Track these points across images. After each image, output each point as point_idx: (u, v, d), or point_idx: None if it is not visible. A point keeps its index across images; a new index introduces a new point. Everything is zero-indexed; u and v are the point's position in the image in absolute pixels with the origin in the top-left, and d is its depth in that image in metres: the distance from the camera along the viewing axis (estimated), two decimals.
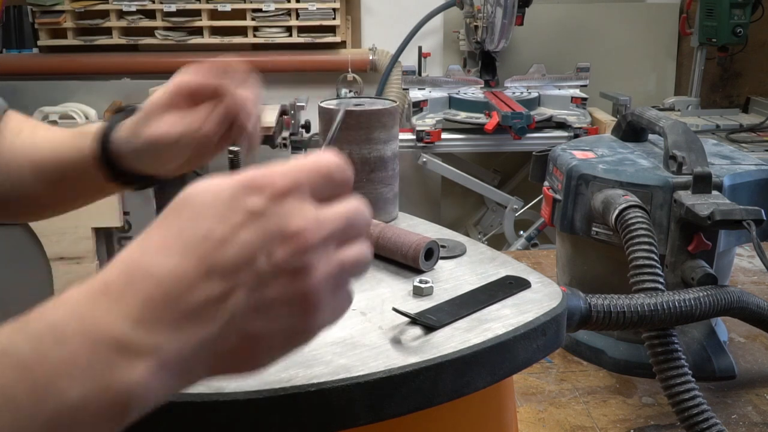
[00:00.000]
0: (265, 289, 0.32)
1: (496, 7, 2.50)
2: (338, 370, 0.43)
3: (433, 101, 2.54)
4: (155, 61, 2.97)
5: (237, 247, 0.32)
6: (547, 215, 0.92)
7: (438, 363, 0.44)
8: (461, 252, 0.62)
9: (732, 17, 2.55)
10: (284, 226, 0.32)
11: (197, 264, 0.31)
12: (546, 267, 1.21)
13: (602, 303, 0.68)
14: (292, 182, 0.33)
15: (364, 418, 0.43)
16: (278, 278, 0.32)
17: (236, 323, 0.32)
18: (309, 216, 0.33)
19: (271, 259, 0.32)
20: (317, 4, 2.88)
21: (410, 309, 0.50)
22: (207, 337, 0.31)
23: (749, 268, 1.20)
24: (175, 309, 0.31)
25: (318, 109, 0.71)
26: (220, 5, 2.88)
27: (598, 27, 3.06)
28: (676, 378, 0.69)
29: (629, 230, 0.76)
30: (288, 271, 0.32)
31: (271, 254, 0.32)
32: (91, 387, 0.30)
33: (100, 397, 0.30)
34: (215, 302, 0.31)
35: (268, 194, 0.33)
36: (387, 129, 0.69)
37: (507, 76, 2.76)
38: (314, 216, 0.33)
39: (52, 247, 2.36)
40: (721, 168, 0.86)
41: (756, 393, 0.84)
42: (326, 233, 0.33)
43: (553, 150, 0.95)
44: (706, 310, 0.73)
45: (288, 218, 0.33)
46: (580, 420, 0.79)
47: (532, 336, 0.49)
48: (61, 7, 2.85)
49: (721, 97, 3.15)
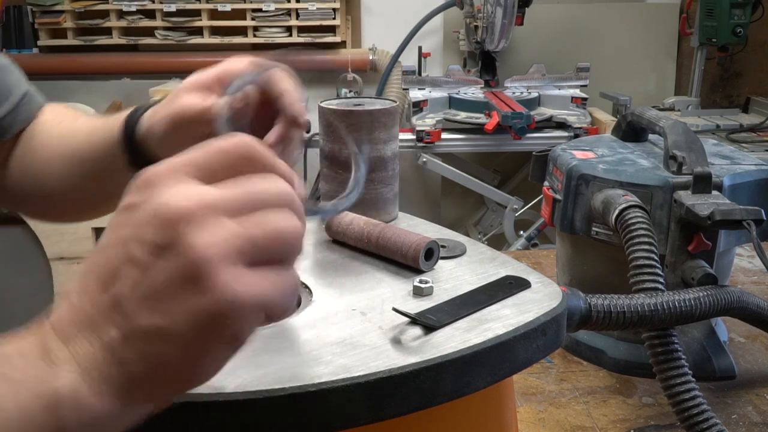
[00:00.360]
0: (149, 274, 0.31)
1: (496, 7, 2.50)
2: (338, 370, 0.43)
3: (433, 101, 2.54)
4: (155, 61, 2.97)
5: (113, 247, 0.32)
6: (547, 215, 0.92)
7: (438, 363, 0.44)
8: (461, 252, 0.62)
9: (732, 17, 2.55)
10: (149, 209, 0.31)
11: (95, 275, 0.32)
12: (546, 267, 1.21)
13: (602, 303, 0.68)
14: (167, 168, 0.33)
15: (364, 418, 0.43)
16: (158, 259, 0.31)
17: (132, 322, 0.31)
18: (179, 191, 0.31)
19: (142, 243, 0.31)
20: (317, 4, 2.88)
21: (410, 309, 0.50)
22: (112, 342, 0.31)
23: (749, 268, 1.20)
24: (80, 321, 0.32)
25: (318, 109, 0.71)
26: (220, 5, 2.88)
27: (598, 27, 3.06)
28: (676, 378, 0.69)
29: (629, 230, 0.76)
30: (163, 246, 0.30)
31: (142, 238, 0.31)
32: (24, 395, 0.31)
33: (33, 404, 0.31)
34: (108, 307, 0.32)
35: (141, 185, 0.33)
36: (387, 129, 0.69)
37: (507, 76, 2.76)
38: (187, 191, 0.31)
39: (52, 247, 2.37)
40: (721, 168, 0.86)
41: (756, 393, 0.84)
42: (206, 202, 0.31)
43: (553, 150, 0.95)
44: (706, 310, 0.73)
45: (155, 200, 0.31)
46: (580, 420, 0.79)
47: (532, 336, 0.49)
48: (61, 7, 2.85)
49: (721, 97, 3.15)
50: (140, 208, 0.32)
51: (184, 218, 0.30)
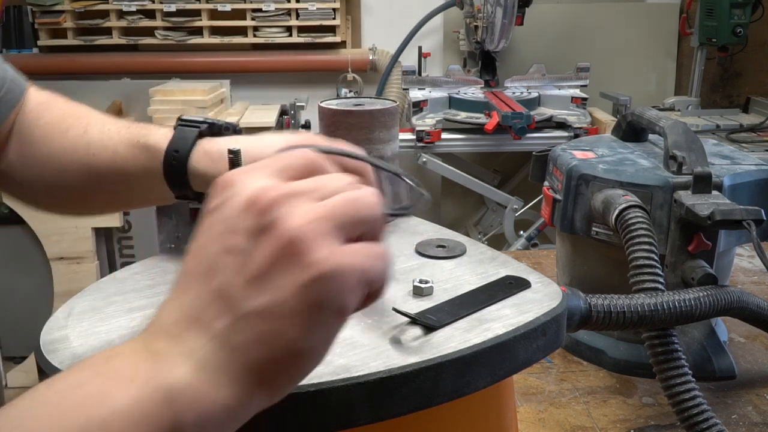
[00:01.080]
0: (251, 259, 0.32)
1: (496, 7, 2.50)
2: (338, 370, 0.43)
3: (433, 101, 2.55)
4: (155, 61, 2.98)
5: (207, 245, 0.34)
6: (547, 215, 0.92)
7: (438, 363, 0.44)
8: (461, 252, 0.62)
9: (732, 17, 2.55)
10: (241, 200, 0.33)
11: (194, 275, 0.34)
12: (546, 267, 1.21)
13: (602, 303, 0.68)
14: (246, 169, 0.35)
15: (364, 418, 0.43)
16: (257, 243, 0.32)
17: (241, 306, 0.32)
18: (263, 183, 0.34)
19: (239, 232, 0.33)
20: (317, 4, 2.88)
21: (410, 309, 0.50)
22: (223, 331, 0.32)
23: (749, 268, 1.20)
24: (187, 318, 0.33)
25: (318, 109, 0.71)
26: (220, 5, 2.89)
27: (598, 27, 3.06)
28: (676, 378, 0.69)
29: (629, 230, 0.76)
30: (259, 230, 0.33)
31: (237, 228, 0.33)
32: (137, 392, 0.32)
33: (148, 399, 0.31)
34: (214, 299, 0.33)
35: (222, 186, 0.35)
36: (387, 129, 0.69)
37: (507, 76, 2.76)
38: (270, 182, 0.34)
39: (52, 247, 2.37)
40: (721, 168, 0.86)
41: (756, 393, 0.84)
42: (290, 189, 0.34)
43: (553, 150, 0.95)
44: (706, 310, 0.73)
45: (243, 193, 0.34)
46: (580, 420, 0.79)
47: (532, 336, 0.49)
48: (61, 7, 2.86)
49: (721, 97, 3.15)
50: (228, 204, 0.34)
51: (275, 203, 0.33)
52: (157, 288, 0.55)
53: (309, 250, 0.32)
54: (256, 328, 0.32)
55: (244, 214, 0.33)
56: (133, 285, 0.56)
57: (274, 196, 0.33)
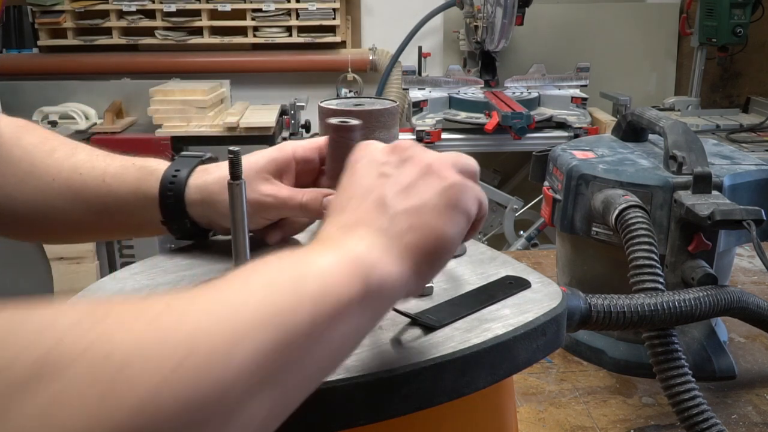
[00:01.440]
0: (400, 178, 0.44)
1: (496, 7, 2.50)
2: (338, 370, 0.43)
3: (433, 101, 2.55)
4: (155, 61, 2.98)
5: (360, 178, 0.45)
6: (547, 215, 0.92)
7: (438, 363, 0.44)
8: (461, 252, 0.62)
9: (732, 17, 2.55)
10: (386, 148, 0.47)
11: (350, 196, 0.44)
12: (546, 267, 1.21)
13: (602, 303, 0.68)
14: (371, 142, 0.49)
15: (364, 418, 0.43)
16: (403, 168, 0.45)
17: (396, 208, 0.42)
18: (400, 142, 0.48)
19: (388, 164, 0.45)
20: (317, 4, 2.89)
21: (410, 309, 0.50)
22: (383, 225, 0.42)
23: (749, 268, 1.20)
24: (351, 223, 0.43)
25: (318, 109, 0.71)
26: (220, 5, 2.89)
27: (598, 27, 3.06)
28: (676, 378, 0.69)
29: (629, 230, 0.76)
30: (403, 160, 0.45)
31: (386, 161, 0.46)
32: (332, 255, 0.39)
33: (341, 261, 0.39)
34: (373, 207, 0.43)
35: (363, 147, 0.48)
36: (387, 129, 0.69)
37: (507, 76, 2.76)
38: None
39: (52, 247, 2.36)
40: (721, 168, 0.86)
41: (756, 393, 0.84)
42: (418, 145, 0.47)
43: (553, 150, 0.95)
44: (706, 310, 0.73)
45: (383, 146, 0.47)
46: (580, 420, 0.79)
47: (532, 336, 0.49)
48: (61, 7, 2.86)
49: (721, 97, 3.15)
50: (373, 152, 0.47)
51: (410, 147, 0.46)
52: (157, 288, 0.55)
53: (441, 170, 0.44)
54: (408, 221, 0.42)
55: (389, 155, 0.46)
56: (133, 285, 0.56)
57: (409, 144, 0.46)
